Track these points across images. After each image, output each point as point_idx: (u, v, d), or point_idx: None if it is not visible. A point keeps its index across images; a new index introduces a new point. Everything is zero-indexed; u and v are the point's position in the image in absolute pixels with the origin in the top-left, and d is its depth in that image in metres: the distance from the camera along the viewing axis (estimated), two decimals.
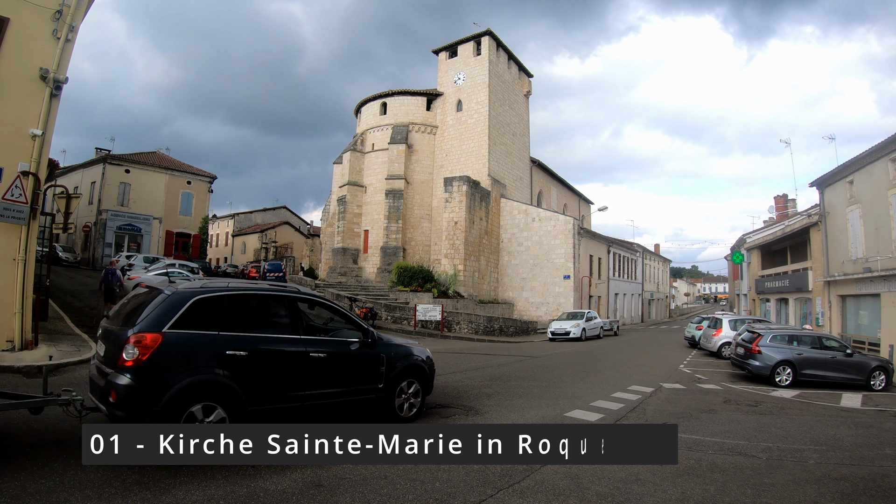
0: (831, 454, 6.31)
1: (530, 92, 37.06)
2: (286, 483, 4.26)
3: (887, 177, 16.02)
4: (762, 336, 12.55)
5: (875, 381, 12.12)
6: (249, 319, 5.33)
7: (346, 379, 5.89)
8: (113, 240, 30.28)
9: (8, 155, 8.90)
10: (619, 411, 8.13)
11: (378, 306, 21.65)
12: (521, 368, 12.35)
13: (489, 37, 31.59)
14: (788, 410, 9.25)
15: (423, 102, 32.86)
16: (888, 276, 15.56)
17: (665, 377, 12.43)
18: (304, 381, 5.45)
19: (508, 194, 32.43)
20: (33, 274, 9.48)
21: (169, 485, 4.07)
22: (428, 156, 32.45)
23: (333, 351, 5.81)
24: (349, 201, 32.71)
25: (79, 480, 4.03)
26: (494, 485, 4.54)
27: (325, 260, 35.49)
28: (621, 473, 4.94)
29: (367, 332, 6.24)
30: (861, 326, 18.12)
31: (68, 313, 13.50)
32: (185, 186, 33.73)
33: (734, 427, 7.58)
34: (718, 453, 6.04)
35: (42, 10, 9.19)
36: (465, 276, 27.56)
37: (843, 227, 18.74)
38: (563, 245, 29.03)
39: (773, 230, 29.58)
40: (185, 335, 4.72)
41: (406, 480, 4.47)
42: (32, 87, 9.12)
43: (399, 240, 30.48)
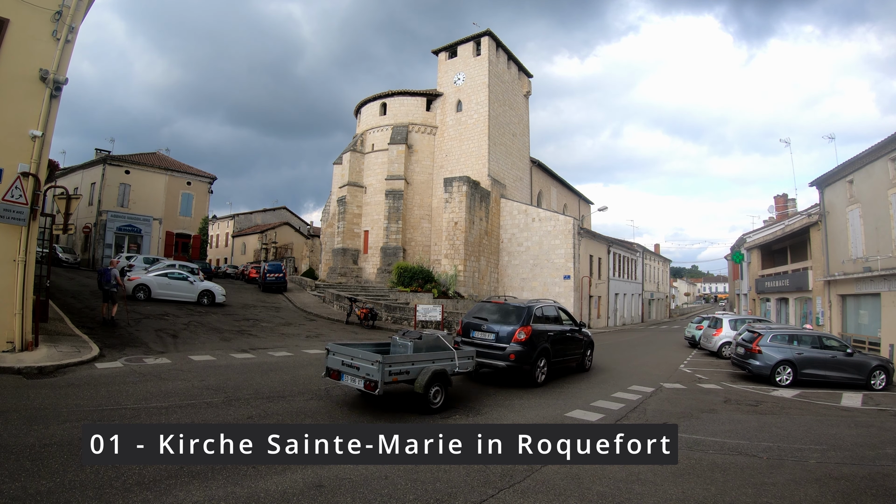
0: (832, 454, 6.31)
1: (530, 92, 37.07)
2: (287, 483, 4.25)
3: (887, 176, 16.02)
4: (762, 336, 12.55)
5: (875, 380, 12.12)
6: (547, 318, 10.91)
7: (576, 348, 11.87)
8: (113, 241, 30.27)
9: (8, 156, 8.90)
10: (620, 411, 8.13)
11: (378, 307, 21.65)
12: None
13: (489, 37, 31.59)
14: (789, 410, 9.25)
15: (422, 103, 32.86)
16: (888, 276, 15.56)
17: (665, 377, 12.43)
18: (567, 349, 11.41)
19: (508, 194, 32.43)
20: (33, 275, 9.48)
21: (169, 485, 4.07)
22: (428, 156, 32.45)
23: (572, 333, 11.66)
24: (349, 202, 32.71)
25: (79, 481, 4.03)
26: (495, 485, 4.54)
27: (325, 260, 35.48)
28: (622, 473, 4.94)
29: (579, 323, 12.27)
30: (861, 326, 18.11)
31: (68, 314, 13.50)
32: (185, 187, 33.73)
33: (735, 427, 7.57)
34: (719, 453, 6.04)
35: (42, 11, 9.20)
36: (465, 276, 27.55)
37: (843, 226, 18.75)
38: (563, 245, 29.03)
39: (773, 230, 29.58)
40: (536, 327, 10.05)
41: (407, 481, 4.47)
42: (32, 88, 9.12)
43: (399, 240, 30.47)
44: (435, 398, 7.31)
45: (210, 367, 9.66)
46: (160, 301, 18.07)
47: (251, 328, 16.00)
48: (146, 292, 18.12)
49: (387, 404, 7.51)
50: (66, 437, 5.05)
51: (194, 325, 14.94)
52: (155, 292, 18.30)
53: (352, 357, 7.11)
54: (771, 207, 35.77)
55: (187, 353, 11.02)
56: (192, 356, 10.75)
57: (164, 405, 6.68)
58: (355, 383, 6.96)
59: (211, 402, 7.04)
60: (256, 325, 16.83)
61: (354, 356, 7.08)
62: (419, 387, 7.05)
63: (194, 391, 7.61)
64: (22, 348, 8.90)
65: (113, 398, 6.88)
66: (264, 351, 12.27)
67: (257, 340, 13.97)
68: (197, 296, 19.16)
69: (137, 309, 15.78)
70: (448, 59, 33.27)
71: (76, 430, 5.26)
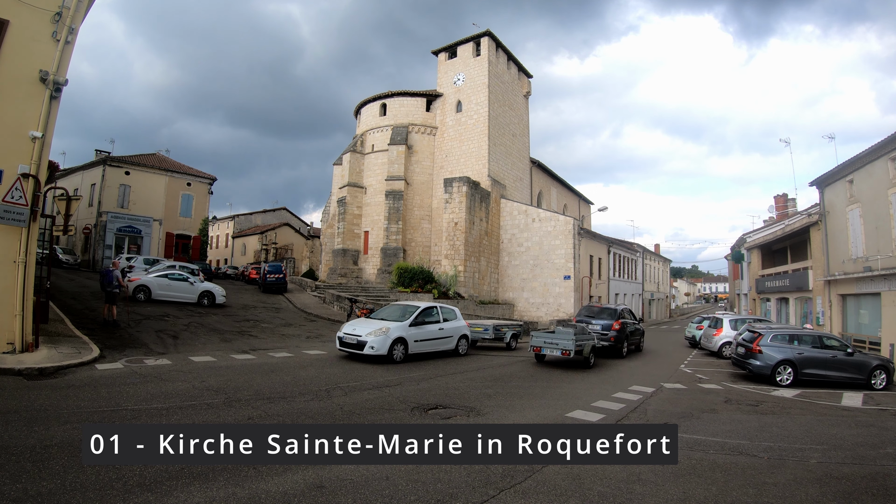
0: (833, 453, 6.30)
1: (530, 92, 37.08)
2: (287, 484, 4.25)
3: (887, 176, 16.02)
4: (763, 335, 12.54)
5: (876, 380, 12.11)
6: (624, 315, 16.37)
7: (639, 336, 17.80)
8: (113, 242, 30.27)
9: (8, 157, 8.91)
10: (621, 411, 8.12)
11: (379, 307, 21.63)
12: (522, 369, 12.34)
13: (488, 37, 31.61)
14: (789, 410, 9.24)
15: (422, 103, 32.88)
16: (888, 275, 15.55)
17: (666, 377, 12.43)
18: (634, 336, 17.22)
19: (508, 195, 32.43)
20: (34, 276, 9.48)
21: (170, 486, 4.07)
22: (428, 157, 32.46)
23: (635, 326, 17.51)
24: (349, 202, 32.71)
25: (80, 482, 4.03)
26: (496, 485, 4.53)
27: (325, 261, 35.48)
28: (623, 473, 4.94)
29: (639, 319, 17.29)
30: (861, 325, 18.11)
31: (69, 315, 13.50)
32: (185, 188, 33.74)
33: (735, 427, 7.57)
34: (720, 453, 6.04)
35: (42, 12, 9.21)
36: (465, 276, 27.55)
37: (844, 226, 18.74)
38: (564, 245, 29.02)
39: (774, 230, 29.57)
40: (622, 321, 15.72)
41: (408, 481, 4.46)
42: (32, 89, 9.13)
43: (399, 241, 30.47)
44: (591, 360, 13.14)
45: (210, 368, 9.66)
46: (160, 302, 18.07)
47: (251, 329, 16.00)
48: (146, 293, 18.12)
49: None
50: (67, 439, 5.04)
51: (195, 326, 14.94)
52: (155, 293, 18.31)
53: (551, 339, 12.83)
54: (771, 207, 35.79)
55: (188, 354, 11.02)
56: (193, 357, 10.75)
57: (165, 406, 6.68)
58: (554, 352, 12.81)
59: (211, 403, 7.04)
60: (257, 325, 16.83)
61: (553, 338, 12.81)
62: (587, 353, 12.97)
63: (195, 392, 7.61)
64: (22, 349, 8.90)
65: (113, 399, 6.88)
66: (265, 352, 12.27)
67: (258, 341, 13.97)
68: (197, 297, 19.16)
69: (138, 310, 15.78)
70: (448, 59, 33.29)
71: (77, 431, 5.26)
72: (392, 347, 11.39)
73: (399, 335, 11.66)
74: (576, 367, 13.14)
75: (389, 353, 11.32)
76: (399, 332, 11.71)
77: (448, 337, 13.25)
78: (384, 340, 11.31)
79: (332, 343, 15.03)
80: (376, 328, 11.61)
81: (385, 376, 9.96)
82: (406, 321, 12.17)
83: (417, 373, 10.60)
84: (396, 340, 11.55)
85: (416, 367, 11.34)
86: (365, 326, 11.84)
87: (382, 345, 11.24)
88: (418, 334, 12.29)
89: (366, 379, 9.58)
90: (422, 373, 10.65)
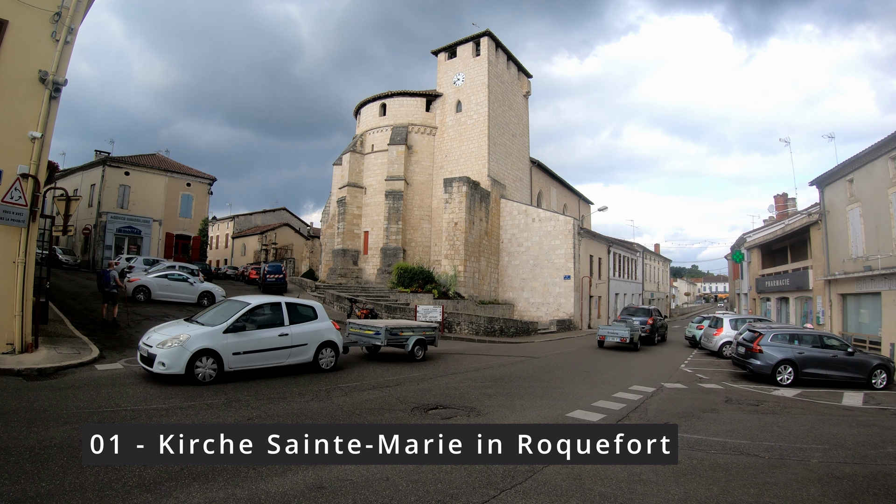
0: (834, 453, 6.29)
1: (529, 92, 37.08)
2: (287, 485, 4.24)
3: (887, 175, 16.01)
4: (763, 335, 12.53)
5: (876, 379, 12.10)
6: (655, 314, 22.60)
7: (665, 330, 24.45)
8: (113, 242, 30.25)
9: (7, 157, 8.90)
10: (621, 411, 8.11)
11: (378, 307, 21.63)
12: (523, 369, 12.33)
13: (488, 37, 31.60)
14: (790, 409, 9.23)
15: (422, 103, 32.87)
16: (889, 275, 15.54)
17: (666, 377, 12.42)
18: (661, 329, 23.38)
19: (508, 195, 32.43)
20: (33, 276, 9.47)
21: (170, 487, 4.05)
22: (427, 157, 32.45)
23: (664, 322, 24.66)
24: (349, 202, 32.70)
25: (80, 483, 4.01)
26: (497, 486, 4.52)
27: (325, 261, 35.47)
28: (624, 474, 4.93)
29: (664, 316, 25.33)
30: (862, 325, 18.10)
31: (68, 316, 13.48)
32: (185, 188, 33.72)
33: (736, 426, 7.56)
34: (721, 453, 6.02)
35: (41, 12, 9.20)
36: (465, 276, 27.54)
37: (844, 225, 18.73)
38: (564, 245, 29.02)
39: (774, 229, 29.57)
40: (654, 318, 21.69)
41: (408, 482, 4.45)
42: (32, 90, 9.12)
43: (399, 241, 30.46)
44: (637, 345, 18.31)
45: None
46: (160, 302, 18.04)
47: None
48: (146, 294, 18.10)
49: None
50: (67, 439, 5.03)
51: None
52: (155, 294, 18.28)
53: (611, 330, 17.82)
54: (771, 207, 35.81)
55: None
56: None
57: (165, 407, 6.67)
58: (614, 339, 17.82)
59: (211, 403, 7.03)
60: None
61: (613, 329, 17.85)
62: (635, 340, 18.17)
63: (194, 392, 7.60)
64: (22, 350, 8.89)
65: (113, 400, 6.87)
66: None
67: None
68: (197, 297, 19.13)
69: (137, 310, 15.76)
70: (447, 59, 33.29)
71: (76, 431, 5.25)
72: (193, 363, 8.05)
73: (204, 346, 8.23)
74: (576, 367, 13.14)
75: (189, 371, 7.99)
76: (204, 342, 8.26)
77: (299, 346, 9.70)
78: (179, 354, 7.95)
79: None
80: (172, 335, 8.30)
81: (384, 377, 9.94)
82: (220, 325, 8.71)
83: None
84: (200, 353, 8.13)
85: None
86: (164, 332, 8.65)
87: (177, 360, 7.93)
88: (240, 343, 8.73)
89: (363, 379, 9.57)
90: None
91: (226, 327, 8.68)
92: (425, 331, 13.11)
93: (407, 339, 12.51)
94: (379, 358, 12.63)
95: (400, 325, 12.98)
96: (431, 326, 13.59)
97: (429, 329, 13.31)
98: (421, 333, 12.86)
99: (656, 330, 21.71)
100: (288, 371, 9.72)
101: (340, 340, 10.69)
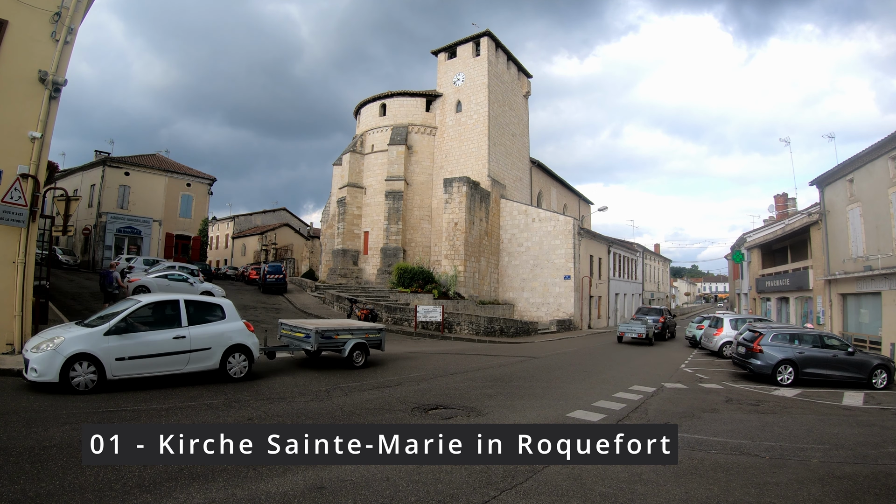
0: (834, 453, 6.29)
1: (529, 92, 37.08)
2: (287, 486, 4.23)
3: (887, 175, 16.01)
4: (763, 335, 12.52)
5: (877, 379, 12.09)
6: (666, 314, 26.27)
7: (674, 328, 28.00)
8: (113, 242, 30.24)
9: (7, 157, 8.90)
10: (621, 411, 8.10)
11: (379, 308, 21.63)
12: (523, 369, 12.33)
13: (488, 37, 31.60)
14: (790, 409, 9.22)
15: (422, 103, 32.87)
16: (889, 275, 15.54)
17: (666, 377, 12.41)
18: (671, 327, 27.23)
19: (508, 195, 32.42)
20: (33, 277, 9.47)
21: (170, 488, 4.05)
22: (427, 157, 32.45)
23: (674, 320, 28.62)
24: (349, 203, 32.70)
25: (79, 484, 4.01)
26: (497, 486, 4.51)
27: (325, 262, 35.46)
28: (624, 474, 4.92)
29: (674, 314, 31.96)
30: (862, 325, 18.09)
31: (68, 316, 13.46)
32: (185, 189, 33.72)
33: (736, 426, 7.55)
34: (721, 453, 6.02)
35: (41, 12, 9.20)
36: (465, 276, 27.53)
37: (844, 225, 18.73)
38: (564, 245, 29.01)
39: (774, 229, 29.57)
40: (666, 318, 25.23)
41: (408, 482, 4.44)
42: (31, 90, 9.13)
43: (399, 241, 30.46)
44: (652, 340, 21.91)
45: None
46: None
47: None
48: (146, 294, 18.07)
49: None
50: (66, 440, 5.02)
51: None
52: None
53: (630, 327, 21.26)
54: (771, 207, 35.80)
55: None
56: None
57: (164, 407, 6.67)
58: (632, 335, 21.03)
59: (211, 403, 7.03)
60: (256, 326, 16.76)
61: (631, 326, 21.23)
62: (650, 335, 21.57)
63: (194, 392, 7.59)
64: (21, 350, 8.88)
65: (112, 400, 6.86)
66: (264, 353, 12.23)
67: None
68: None
69: None
70: (447, 59, 33.29)
71: (76, 432, 5.24)
72: (68, 370, 7.09)
73: (80, 349, 7.23)
74: (577, 367, 13.15)
75: (63, 378, 7.03)
76: (80, 346, 7.27)
77: (201, 350, 8.44)
78: (51, 359, 7.02)
79: None
80: (48, 337, 7.41)
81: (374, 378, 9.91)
82: (100, 326, 7.67)
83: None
84: (76, 358, 7.17)
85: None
86: (44, 335, 7.69)
87: (49, 366, 7.01)
88: (125, 347, 7.63)
89: (365, 379, 9.57)
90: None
91: (107, 329, 7.57)
92: (368, 333, 11.47)
93: (344, 343, 10.93)
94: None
95: (335, 326, 11.46)
96: (376, 329, 11.83)
97: (372, 332, 11.64)
98: (361, 336, 11.26)
99: (667, 327, 24.86)
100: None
101: (255, 344, 9.28)
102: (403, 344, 16.56)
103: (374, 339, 11.58)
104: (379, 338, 11.72)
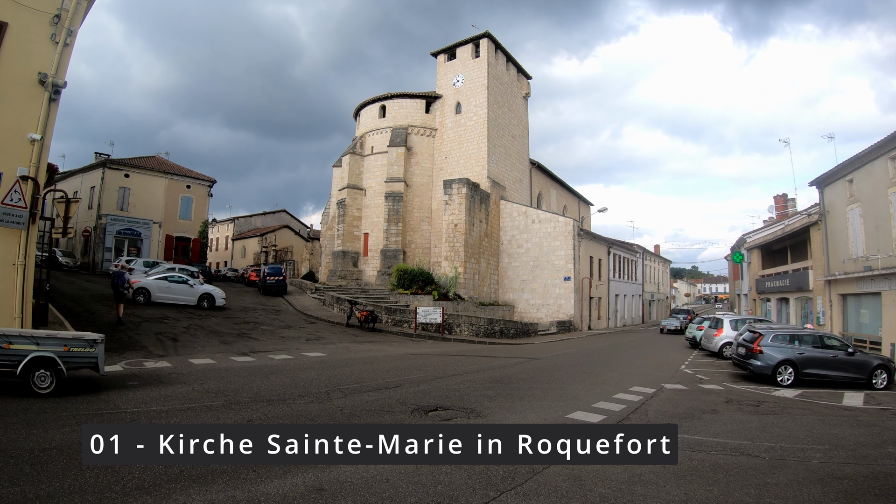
0: (834, 453, 6.28)
1: (529, 93, 37.12)
2: (287, 487, 4.23)
3: (887, 175, 16.02)
4: (763, 336, 12.51)
5: (877, 379, 12.08)
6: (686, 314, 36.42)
7: None
8: (113, 244, 30.25)
9: (7, 159, 8.91)
10: (621, 412, 8.10)
11: (378, 309, 21.61)
12: (523, 370, 12.32)
13: (488, 39, 31.64)
14: (790, 410, 9.21)
15: (421, 105, 32.91)
16: (889, 275, 15.54)
17: (666, 378, 12.40)
18: None
19: (508, 196, 32.44)
20: (33, 279, 9.47)
21: (170, 489, 4.05)
22: (427, 158, 32.48)
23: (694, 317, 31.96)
24: (349, 204, 32.71)
25: (79, 485, 4.01)
26: (497, 487, 4.51)
27: (325, 263, 35.47)
28: (624, 475, 4.91)
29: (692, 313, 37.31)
30: (862, 325, 18.09)
31: (68, 318, 13.46)
32: (185, 190, 33.74)
33: (736, 427, 7.55)
34: (721, 453, 6.01)
35: (41, 14, 9.21)
36: (465, 278, 27.53)
37: (844, 225, 18.74)
38: (563, 246, 29.02)
39: (774, 230, 29.58)
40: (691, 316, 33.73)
41: (408, 483, 4.44)
42: (31, 92, 9.13)
43: (399, 242, 30.47)
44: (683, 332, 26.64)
45: (210, 371, 9.63)
46: (160, 304, 18.04)
47: (251, 331, 15.98)
48: (146, 296, 18.10)
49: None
50: (66, 441, 5.02)
51: (194, 329, 14.92)
52: (155, 296, 18.28)
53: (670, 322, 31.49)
54: (771, 207, 35.80)
55: (187, 357, 11.00)
56: (192, 359, 10.73)
57: (164, 408, 6.66)
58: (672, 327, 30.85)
59: (211, 405, 7.02)
60: (256, 328, 16.81)
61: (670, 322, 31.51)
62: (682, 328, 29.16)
63: (194, 394, 7.59)
64: None
65: (112, 401, 6.86)
66: (264, 354, 12.24)
67: (257, 343, 13.95)
68: (197, 299, 19.14)
69: (137, 312, 15.76)
70: (447, 61, 33.34)
71: (76, 433, 5.24)
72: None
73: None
74: (577, 368, 13.16)
75: None
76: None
77: None
78: None
79: (333, 345, 15.03)
80: None
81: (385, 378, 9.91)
82: None
83: None
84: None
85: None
86: None
87: None
88: None
89: (366, 381, 9.56)
90: None
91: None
92: (68, 344, 7.39)
93: (21, 356, 6.92)
94: None
95: (6, 332, 7.21)
96: (87, 340, 7.64)
97: (76, 342, 7.51)
98: (55, 347, 7.22)
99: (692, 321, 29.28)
100: None
101: None
102: (404, 345, 16.56)
103: (79, 355, 7.46)
104: (90, 354, 7.57)
